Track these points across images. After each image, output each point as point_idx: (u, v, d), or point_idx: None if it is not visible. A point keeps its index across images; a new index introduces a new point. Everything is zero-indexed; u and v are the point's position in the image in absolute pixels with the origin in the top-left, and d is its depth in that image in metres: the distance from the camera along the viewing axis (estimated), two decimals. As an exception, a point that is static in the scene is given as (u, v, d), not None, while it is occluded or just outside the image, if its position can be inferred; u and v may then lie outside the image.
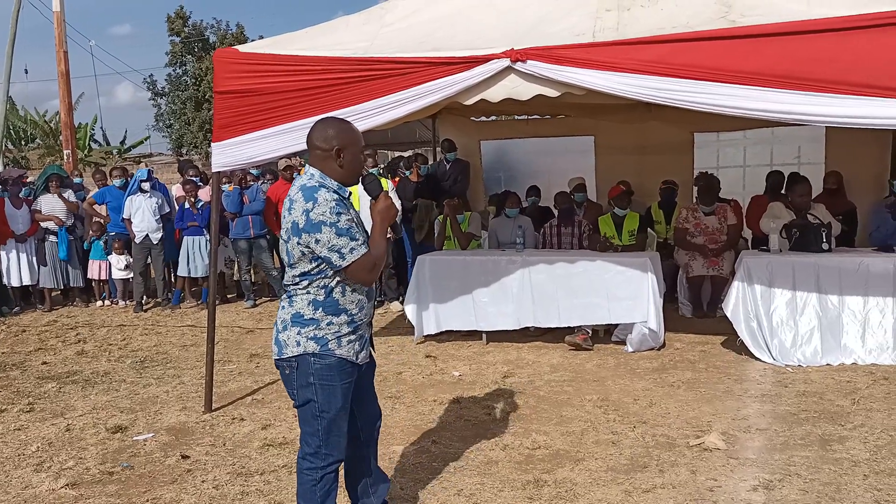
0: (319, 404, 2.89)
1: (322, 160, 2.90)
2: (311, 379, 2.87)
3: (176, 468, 4.21)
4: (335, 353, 2.88)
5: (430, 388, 5.50)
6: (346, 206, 2.85)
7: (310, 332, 2.87)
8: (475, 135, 10.04)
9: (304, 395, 2.91)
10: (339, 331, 2.89)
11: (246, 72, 5.02)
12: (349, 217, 2.82)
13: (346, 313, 2.90)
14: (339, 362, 2.88)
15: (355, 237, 2.80)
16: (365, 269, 2.83)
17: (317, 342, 2.86)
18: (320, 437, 2.91)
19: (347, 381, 2.92)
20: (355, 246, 2.80)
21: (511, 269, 6.59)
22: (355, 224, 2.85)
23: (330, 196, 2.80)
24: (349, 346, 2.91)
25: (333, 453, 2.94)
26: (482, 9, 5.36)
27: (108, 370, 6.48)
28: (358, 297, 2.94)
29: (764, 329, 5.87)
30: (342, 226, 2.77)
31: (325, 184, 2.87)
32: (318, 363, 2.86)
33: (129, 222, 9.15)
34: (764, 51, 4.31)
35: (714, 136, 9.48)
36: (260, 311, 8.97)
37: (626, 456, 4.11)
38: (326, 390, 2.88)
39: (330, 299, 2.88)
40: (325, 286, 2.87)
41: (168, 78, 35.08)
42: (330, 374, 2.87)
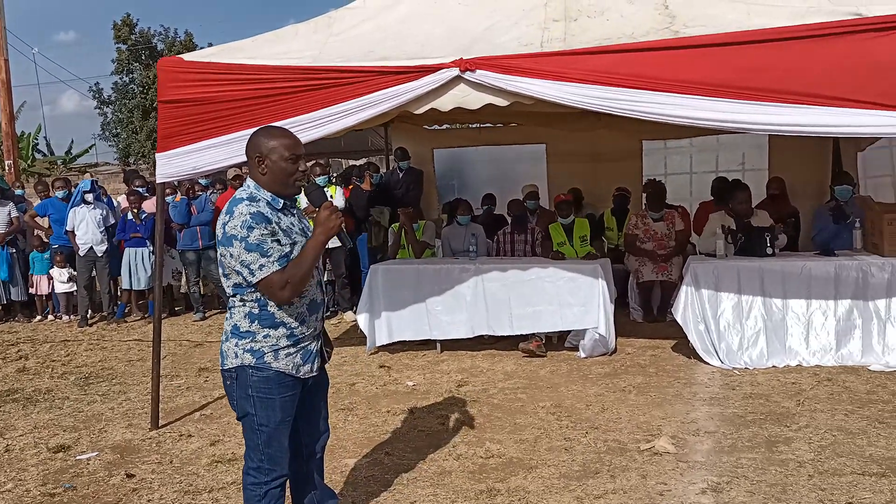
0: (258, 417, 2.83)
1: (252, 169, 2.86)
2: (250, 391, 2.81)
3: (121, 488, 4.10)
4: (272, 367, 2.81)
5: (384, 399, 5.46)
6: (265, 220, 2.73)
7: (246, 344, 2.81)
8: (428, 143, 10.05)
9: (243, 407, 2.85)
10: (276, 343, 2.82)
11: (191, 81, 4.93)
12: (265, 231, 2.70)
13: (284, 326, 2.83)
14: (277, 375, 2.82)
15: (266, 253, 2.70)
16: (275, 288, 2.72)
17: (253, 355, 2.80)
18: (261, 452, 2.86)
19: (287, 394, 2.85)
20: (265, 263, 2.70)
21: (464, 277, 6.60)
22: (277, 239, 2.73)
23: (248, 209, 2.72)
24: (288, 360, 2.84)
25: (276, 468, 2.88)
26: (431, 19, 5.37)
27: (51, 387, 6.28)
28: (297, 310, 2.86)
29: (712, 333, 5.98)
30: (252, 241, 2.68)
31: (256, 195, 2.80)
32: (256, 375, 2.80)
33: (73, 235, 8.91)
34: (706, 61, 4.40)
35: (662, 143, 9.66)
36: (209, 323, 8.81)
37: (578, 462, 4.13)
38: (265, 403, 2.81)
39: (265, 312, 2.81)
40: (258, 299, 2.80)
41: (114, 86, 34.40)
42: (268, 387, 2.81)
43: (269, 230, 2.72)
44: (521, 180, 8.94)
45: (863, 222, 6.41)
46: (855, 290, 5.82)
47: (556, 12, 5.14)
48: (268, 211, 2.77)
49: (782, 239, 6.74)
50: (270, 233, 2.73)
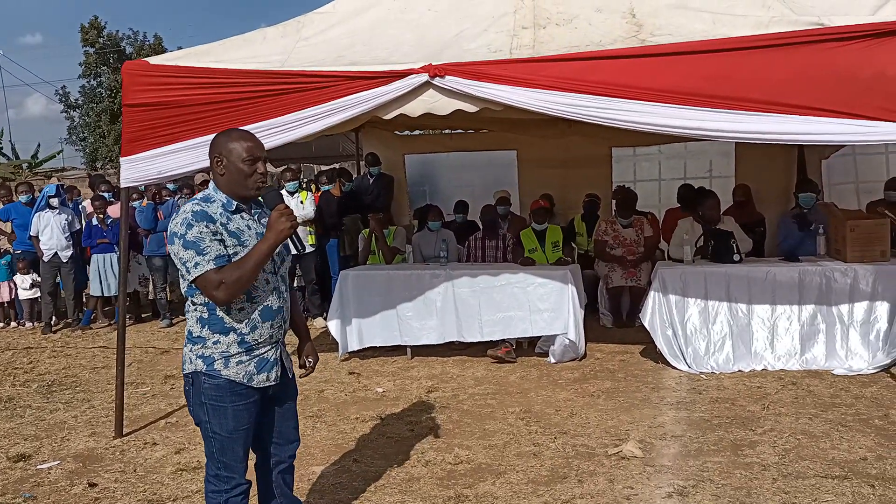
0: (211, 425, 2.78)
1: (212, 171, 2.83)
2: (203, 398, 2.76)
3: (83, 497, 4.02)
4: (221, 374, 2.74)
5: (353, 406, 5.43)
6: (208, 218, 2.68)
7: (198, 350, 2.76)
8: (399, 149, 10.02)
9: (197, 413, 2.81)
10: (226, 350, 2.75)
11: (157, 84, 4.87)
12: (204, 230, 2.65)
13: (234, 332, 2.76)
14: (228, 383, 2.75)
15: (203, 251, 2.64)
16: (209, 287, 2.65)
17: (204, 361, 2.75)
18: (216, 460, 2.82)
19: (240, 403, 2.78)
20: (200, 261, 2.64)
21: (435, 283, 6.59)
22: (219, 239, 2.68)
23: (192, 207, 2.70)
24: (239, 368, 2.76)
25: (234, 476, 2.82)
26: (400, 24, 5.37)
27: (13, 395, 6.16)
28: (248, 315, 2.77)
29: (679, 338, 6.04)
30: (189, 238, 2.65)
31: (212, 196, 2.78)
32: (208, 383, 2.75)
33: (37, 240, 8.75)
34: (672, 69, 4.45)
35: (631, 150, 9.74)
36: (177, 330, 8.69)
37: (546, 467, 4.14)
38: (217, 411, 2.76)
39: (214, 317, 2.75)
40: (206, 303, 2.74)
41: (82, 90, 33.91)
42: (219, 394, 2.75)
43: (210, 229, 2.67)
44: (493, 186, 8.96)
45: (826, 229, 6.53)
46: (818, 296, 5.91)
47: (525, 20, 5.16)
48: (218, 212, 2.73)
49: (747, 243, 6.83)
50: (212, 232, 2.67)
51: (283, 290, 2.90)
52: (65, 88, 35.00)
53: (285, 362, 2.95)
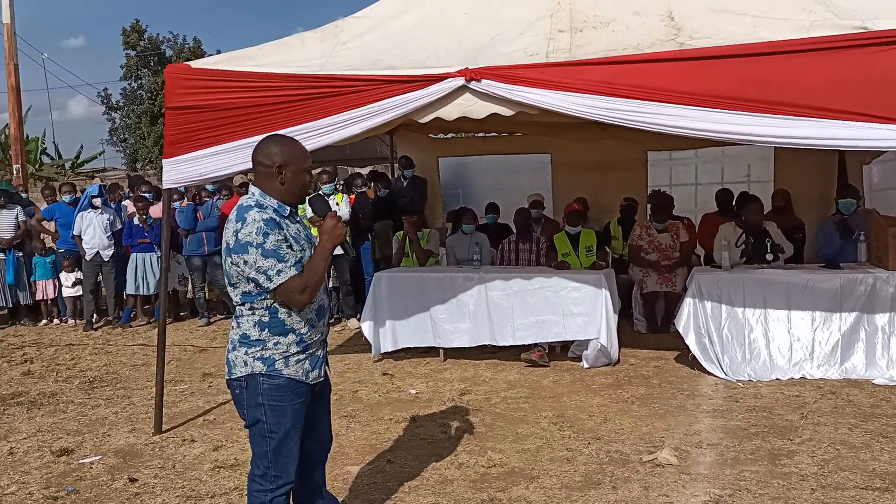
0: (268, 425, 2.84)
1: (263, 177, 2.86)
2: (261, 399, 2.83)
3: (123, 492, 4.11)
4: (283, 374, 2.83)
5: (387, 407, 5.46)
6: (278, 226, 2.76)
7: (256, 352, 2.83)
8: (433, 151, 10.07)
9: (253, 415, 2.86)
10: (286, 350, 2.84)
11: (198, 88, 4.96)
12: (279, 237, 2.74)
13: (293, 333, 2.85)
14: (288, 382, 2.84)
15: (283, 258, 2.73)
16: (294, 292, 2.75)
17: (263, 363, 2.82)
18: (269, 459, 2.86)
19: (298, 401, 2.87)
20: (283, 268, 2.73)
21: (468, 285, 6.60)
22: (289, 244, 2.77)
23: (260, 216, 2.74)
24: (298, 366, 2.86)
25: (282, 476, 2.88)
26: (437, 29, 5.40)
27: (56, 391, 6.31)
28: (307, 316, 2.88)
29: (715, 344, 5.97)
30: (268, 247, 2.71)
31: (263, 202, 2.82)
32: (267, 383, 2.82)
33: (80, 239, 8.95)
34: (710, 72, 4.42)
35: (667, 154, 9.68)
36: (214, 329, 8.83)
37: (580, 473, 4.13)
38: (276, 411, 2.83)
39: (276, 319, 2.83)
40: (268, 307, 2.82)
41: (123, 92, 34.54)
42: (279, 394, 2.83)
43: (282, 236, 2.76)
44: (526, 190, 8.95)
45: (867, 236, 6.41)
46: (859, 304, 5.80)
47: (562, 23, 5.16)
48: (277, 218, 2.80)
49: (788, 249, 6.73)
50: (283, 238, 2.76)
51: (328, 290, 2.98)
52: (106, 90, 35.66)
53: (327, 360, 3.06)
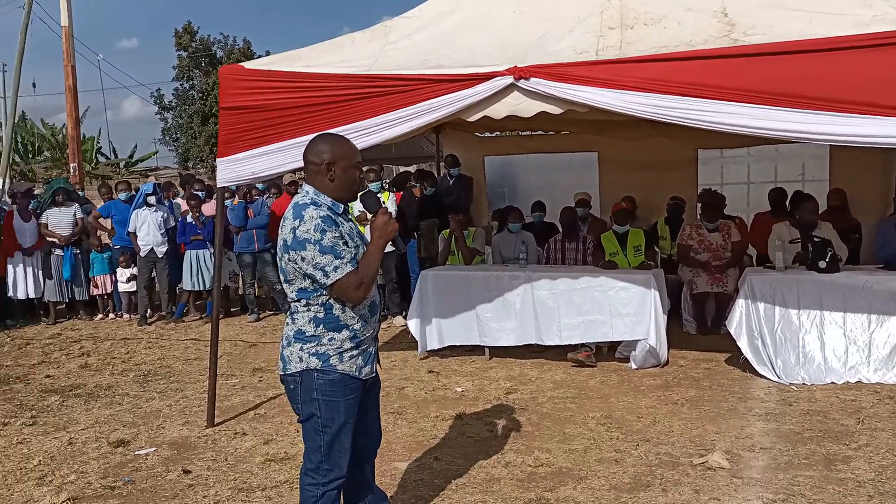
0: (323, 420, 2.89)
1: (315, 175, 2.92)
2: (315, 394, 2.88)
3: (177, 483, 4.21)
4: (337, 369, 2.88)
5: (433, 404, 5.49)
6: (334, 223, 2.82)
7: (311, 348, 2.87)
8: (479, 150, 10.06)
9: (307, 410, 2.91)
10: (340, 346, 2.89)
11: (251, 88, 5.06)
12: (336, 234, 2.79)
13: (347, 329, 2.90)
14: (342, 378, 2.89)
15: (340, 255, 2.78)
16: (351, 288, 2.81)
17: (318, 358, 2.87)
18: (322, 453, 2.91)
19: (351, 396, 2.92)
20: (339, 264, 2.78)
21: (514, 284, 6.59)
22: (345, 241, 2.83)
23: (317, 213, 2.80)
24: (351, 362, 2.91)
25: (335, 469, 2.93)
26: (485, 27, 5.41)
27: (112, 384, 6.49)
28: (360, 312, 2.93)
29: (768, 347, 5.85)
30: (326, 243, 2.76)
31: (318, 200, 2.87)
32: (322, 379, 2.87)
33: (135, 236, 9.19)
34: (764, 69, 4.33)
35: (718, 152, 9.49)
36: (263, 324, 8.98)
37: (629, 475, 4.09)
38: (330, 406, 2.88)
39: (330, 316, 2.88)
40: (323, 303, 2.87)
41: (175, 92, 35.36)
42: (333, 389, 2.87)
43: (338, 233, 2.81)
44: (572, 188, 8.88)
45: (928, 236, 6.20)
46: (920, 307, 5.62)
47: (612, 20, 5.12)
48: (332, 216, 2.86)
49: (843, 251, 6.56)
50: (339, 235, 2.81)
51: (377, 286, 3.06)
52: (159, 91, 36.58)
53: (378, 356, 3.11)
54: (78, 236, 9.77)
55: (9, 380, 6.75)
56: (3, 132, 20.69)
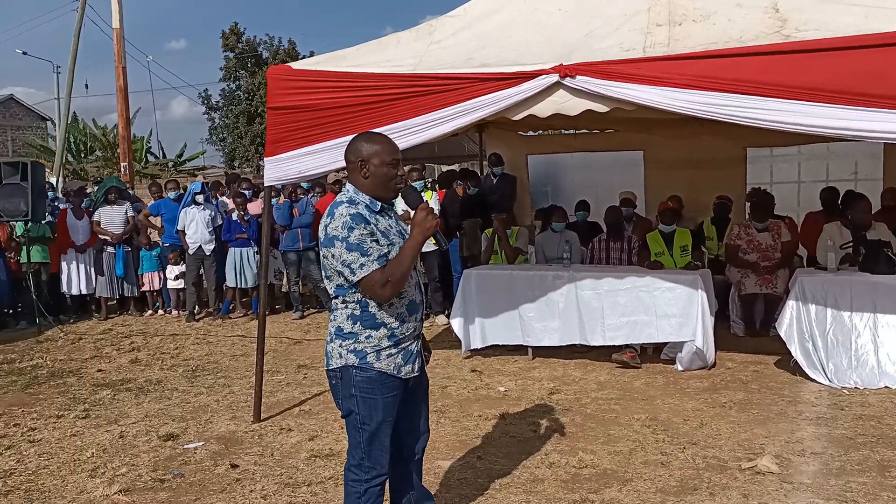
0: (361, 416, 2.91)
1: (352, 173, 2.95)
2: (353, 391, 2.90)
3: (225, 477, 4.28)
4: (374, 367, 2.88)
5: (476, 403, 5.49)
6: (364, 221, 2.82)
7: (349, 345, 2.90)
8: (522, 149, 10.03)
9: (347, 405, 2.94)
10: (378, 344, 2.89)
11: (298, 88, 5.11)
12: (365, 232, 2.79)
13: (385, 327, 2.90)
14: (379, 375, 2.89)
15: (366, 252, 2.78)
16: (376, 285, 2.79)
17: (356, 355, 2.89)
18: (363, 450, 2.93)
19: (390, 394, 2.92)
20: (365, 261, 2.78)
21: (557, 284, 6.55)
22: (375, 239, 2.81)
23: (348, 210, 2.81)
24: (389, 360, 2.91)
25: (376, 467, 2.95)
26: (530, 25, 5.37)
27: (161, 378, 6.63)
28: (397, 310, 2.92)
29: (819, 350, 5.71)
30: (352, 240, 2.77)
31: (355, 198, 2.90)
32: (360, 375, 2.88)
33: (183, 234, 9.38)
34: (817, 65, 4.22)
35: (767, 151, 9.30)
36: (308, 322, 9.08)
37: (675, 478, 4.03)
38: (367, 402, 2.90)
39: (367, 313, 2.89)
40: (359, 300, 2.88)
41: (222, 92, 35.95)
42: (371, 386, 2.89)
43: (368, 230, 2.81)
44: (617, 188, 8.79)
45: None
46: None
47: (660, 17, 5.04)
48: (366, 213, 2.86)
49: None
50: (369, 233, 2.81)
51: (421, 285, 3.05)
52: (206, 91, 37.25)
53: (422, 355, 3.09)
54: (129, 234, 10.00)
55: (62, 373, 6.95)
56: (57, 132, 21.34)
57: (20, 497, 4.09)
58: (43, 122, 49.38)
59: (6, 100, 50.07)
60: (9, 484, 4.27)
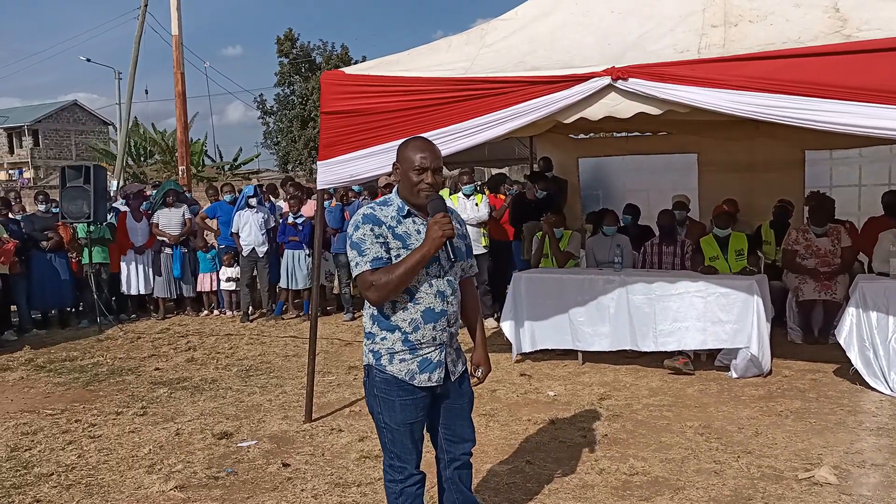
0: (382, 416, 2.93)
1: (394, 175, 3.01)
2: (374, 390, 2.93)
3: (277, 476, 4.36)
4: (386, 370, 2.88)
5: (525, 408, 5.47)
6: (377, 222, 2.84)
7: (370, 345, 2.93)
8: (573, 152, 9.96)
9: (370, 404, 2.98)
10: (392, 347, 2.88)
11: (351, 93, 5.17)
12: (369, 232, 2.81)
13: (398, 330, 2.87)
14: (394, 379, 2.88)
15: (363, 252, 2.80)
16: (363, 286, 2.82)
17: (373, 356, 2.92)
18: (389, 450, 2.96)
19: (407, 398, 2.88)
20: (360, 261, 2.81)
21: (608, 288, 6.48)
22: (383, 241, 2.82)
23: (365, 210, 2.89)
24: (402, 365, 2.87)
25: (407, 467, 2.94)
26: (581, 28, 5.34)
27: (216, 377, 6.77)
28: (410, 315, 2.86)
29: (880, 358, 5.53)
30: (355, 239, 2.83)
31: (390, 199, 2.95)
32: (378, 376, 2.91)
33: (237, 236, 9.57)
34: (880, 65, 4.09)
35: (827, 153, 9.05)
36: (358, 324, 9.17)
37: (729, 487, 3.95)
38: (386, 403, 2.90)
39: (382, 314, 2.90)
40: None
41: (276, 97, 36.59)
42: (387, 388, 2.89)
43: (374, 231, 2.82)
44: (670, 191, 8.66)
45: None
46: None
47: (715, 18, 4.95)
48: (390, 215, 2.88)
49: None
50: (375, 234, 2.82)
51: (450, 295, 2.93)
52: (261, 96, 38.02)
53: (450, 366, 2.97)
54: (186, 236, 10.25)
55: (122, 371, 7.15)
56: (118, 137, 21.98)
57: (81, 491, 4.23)
58: (105, 126, 51.07)
59: (70, 105, 51.97)
60: (70, 478, 4.42)
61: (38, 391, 6.51)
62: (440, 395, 2.98)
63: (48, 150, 49.28)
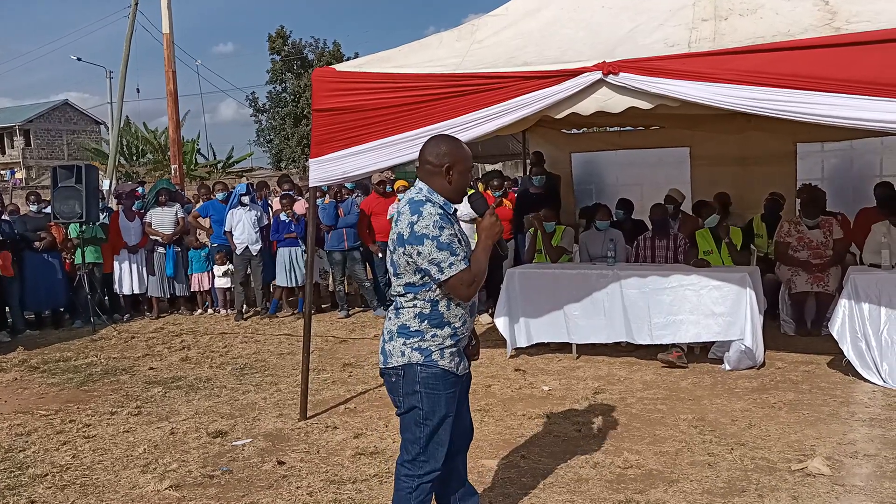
0: (424, 412, 2.95)
1: (431, 175, 2.97)
2: (418, 387, 2.94)
3: (272, 474, 4.36)
4: (438, 365, 2.94)
5: (519, 402, 5.48)
6: (449, 222, 2.89)
7: (414, 343, 2.94)
8: (566, 147, 9.96)
9: (409, 402, 2.97)
10: (442, 343, 2.95)
11: (343, 90, 5.17)
12: (452, 232, 2.86)
13: (449, 326, 2.96)
14: (443, 373, 2.95)
15: (456, 252, 2.84)
16: (464, 285, 2.86)
17: (421, 353, 2.93)
18: (420, 445, 2.97)
19: (451, 390, 2.98)
20: (455, 261, 2.83)
21: (602, 283, 6.50)
22: (458, 240, 2.89)
23: (434, 210, 2.87)
24: (451, 358, 2.97)
25: (431, 462, 2.98)
26: (573, 23, 5.36)
27: (210, 376, 6.77)
28: (461, 311, 2.99)
29: (873, 349, 5.57)
30: (444, 240, 2.82)
31: (432, 199, 2.93)
32: (425, 372, 2.93)
33: (231, 235, 9.55)
34: (870, 58, 4.12)
35: (818, 146, 9.05)
36: (353, 321, 9.17)
37: (723, 479, 3.97)
38: (431, 399, 2.94)
39: (435, 312, 2.94)
40: (430, 299, 2.93)
41: (269, 95, 36.50)
42: (436, 382, 2.93)
43: (453, 231, 2.89)
44: (663, 185, 8.66)
45: None
46: None
47: (706, 12, 4.98)
48: (446, 214, 2.93)
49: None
50: (454, 234, 2.89)
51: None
52: (254, 94, 37.91)
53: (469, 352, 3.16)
54: (179, 235, 10.23)
55: (116, 371, 7.14)
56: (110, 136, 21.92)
57: (75, 491, 4.22)
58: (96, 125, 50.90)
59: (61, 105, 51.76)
60: (65, 478, 4.41)
61: (31, 392, 6.50)
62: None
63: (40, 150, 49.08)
